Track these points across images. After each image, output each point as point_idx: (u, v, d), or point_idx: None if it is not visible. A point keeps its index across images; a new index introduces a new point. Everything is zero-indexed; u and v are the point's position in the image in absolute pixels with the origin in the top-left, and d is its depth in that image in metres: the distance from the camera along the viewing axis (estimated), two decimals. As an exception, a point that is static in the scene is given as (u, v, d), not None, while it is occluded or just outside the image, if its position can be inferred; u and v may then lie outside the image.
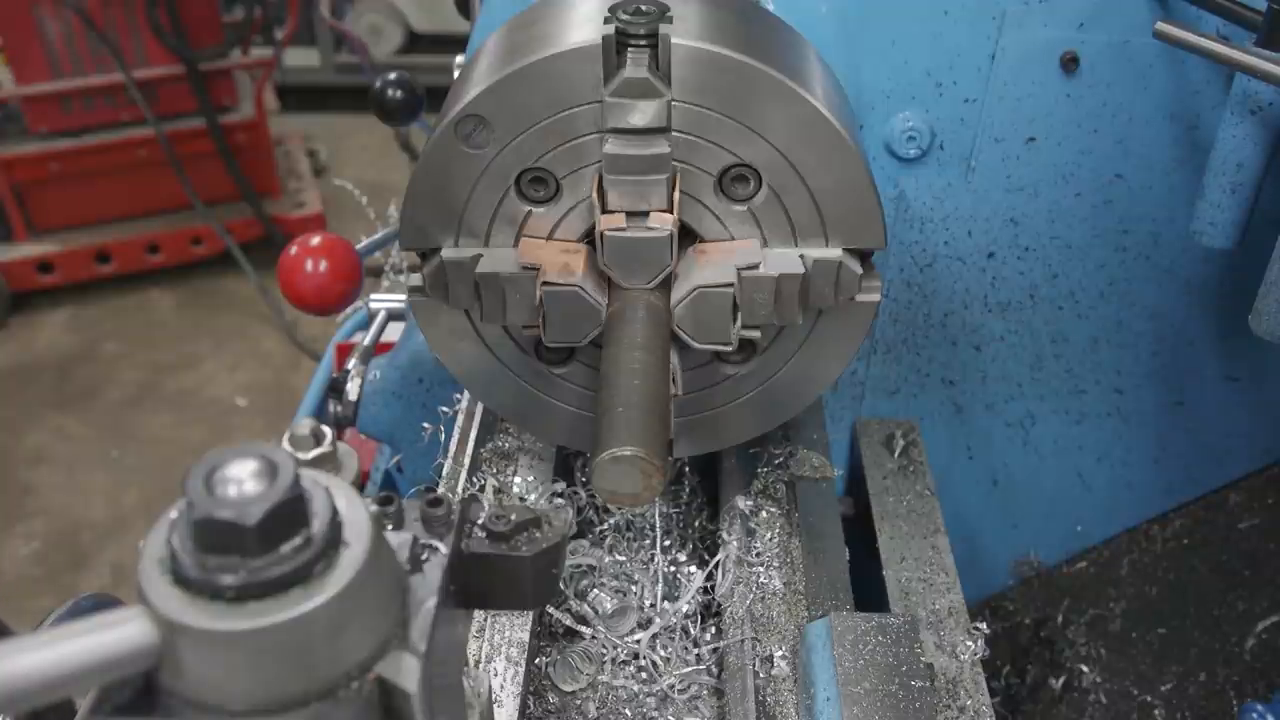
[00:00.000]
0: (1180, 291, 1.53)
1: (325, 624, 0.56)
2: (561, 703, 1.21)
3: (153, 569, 0.56)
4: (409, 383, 1.71)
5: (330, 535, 0.57)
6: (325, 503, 0.58)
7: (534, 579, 0.75)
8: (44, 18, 4.61)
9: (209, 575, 0.54)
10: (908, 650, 1.07)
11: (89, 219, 5.07)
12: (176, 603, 0.55)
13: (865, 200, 1.12)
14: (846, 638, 1.09)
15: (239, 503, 0.54)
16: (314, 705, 0.57)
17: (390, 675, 0.59)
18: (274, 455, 0.57)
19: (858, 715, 1.02)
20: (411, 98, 1.71)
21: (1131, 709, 1.66)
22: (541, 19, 1.14)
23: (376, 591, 0.59)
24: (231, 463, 0.57)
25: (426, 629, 0.62)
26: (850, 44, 1.35)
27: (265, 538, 0.54)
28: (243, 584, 0.54)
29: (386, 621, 0.61)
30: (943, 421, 1.66)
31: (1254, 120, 1.22)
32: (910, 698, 1.03)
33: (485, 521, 0.74)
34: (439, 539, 0.69)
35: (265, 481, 0.56)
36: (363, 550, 0.58)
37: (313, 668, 0.56)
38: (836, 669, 1.06)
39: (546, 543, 0.75)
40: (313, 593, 0.55)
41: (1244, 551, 1.63)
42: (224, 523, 0.54)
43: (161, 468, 4.18)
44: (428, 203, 1.14)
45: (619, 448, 0.93)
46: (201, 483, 0.56)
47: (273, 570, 0.55)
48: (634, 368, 1.03)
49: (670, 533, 1.40)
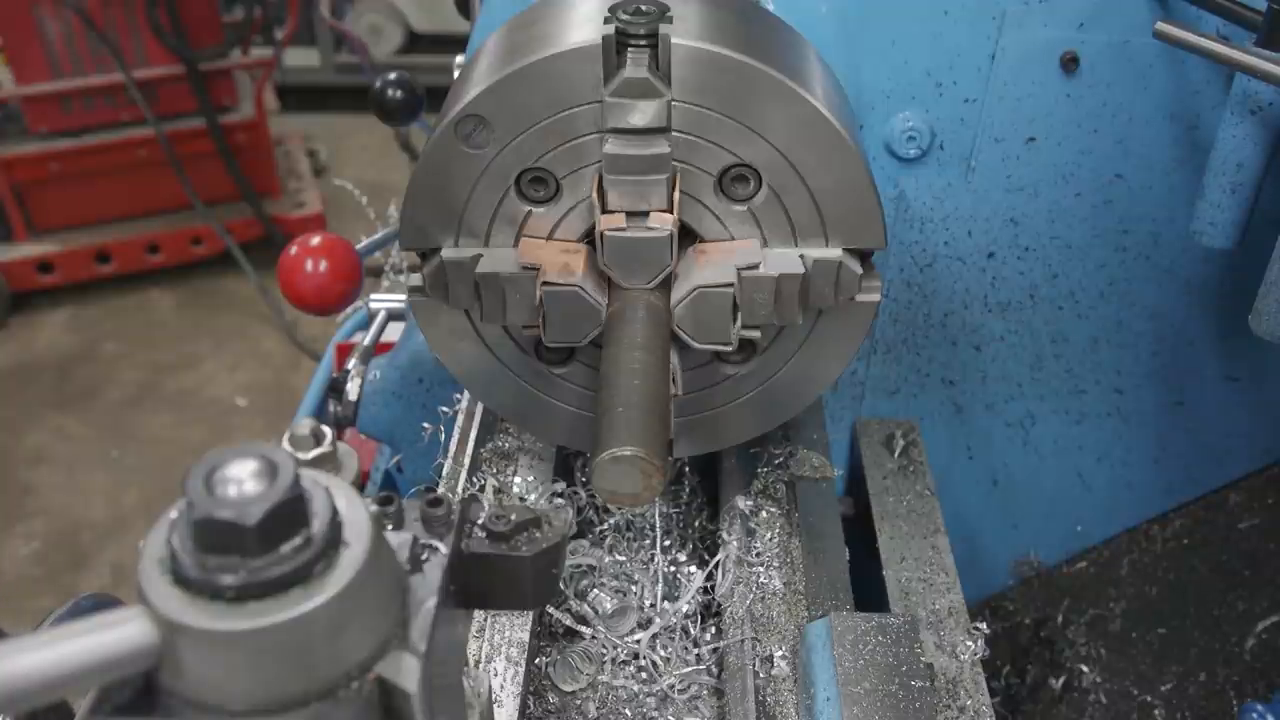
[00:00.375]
0: (1180, 291, 1.53)
1: (325, 624, 0.56)
2: (561, 703, 1.21)
3: (153, 569, 0.56)
4: (409, 383, 1.71)
5: (330, 535, 0.57)
6: (325, 503, 0.58)
7: (534, 579, 0.75)
8: (44, 18, 4.61)
9: (209, 575, 0.54)
10: (908, 650, 1.07)
11: (89, 219, 5.06)
12: (176, 603, 0.55)
13: (865, 200, 1.12)
14: (846, 638, 1.08)
15: (239, 503, 0.54)
16: (314, 705, 0.56)
17: (390, 675, 0.59)
18: (274, 455, 0.57)
19: (858, 715, 1.02)
20: (411, 98, 1.71)
21: (1131, 709, 1.66)
22: (541, 19, 1.14)
23: (376, 591, 0.59)
24: (231, 463, 0.57)
25: (426, 629, 0.62)
26: (850, 44, 1.35)
27: (265, 538, 0.54)
28: (243, 584, 0.54)
29: (386, 621, 0.61)
30: (943, 421, 1.66)
31: (1254, 120, 1.22)
32: (910, 698, 1.03)
33: (485, 521, 0.74)
34: (439, 539, 0.69)
35: (265, 481, 0.56)
36: (363, 550, 0.58)
37: (313, 668, 0.56)
38: (836, 669, 1.06)
39: (546, 543, 0.75)
40: (313, 593, 0.55)
41: (1244, 551, 1.63)
42: (224, 523, 0.54)
43: (161, 468, 4.18)
44: (428, 203, 1.14)
45: (619, 448, 0.93)
46: (201, 483, 0.56)
47: (273, 570, 0.55)
48: (634, 368, 1.03)
49: (670, 533, 1.40)
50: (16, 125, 4.83)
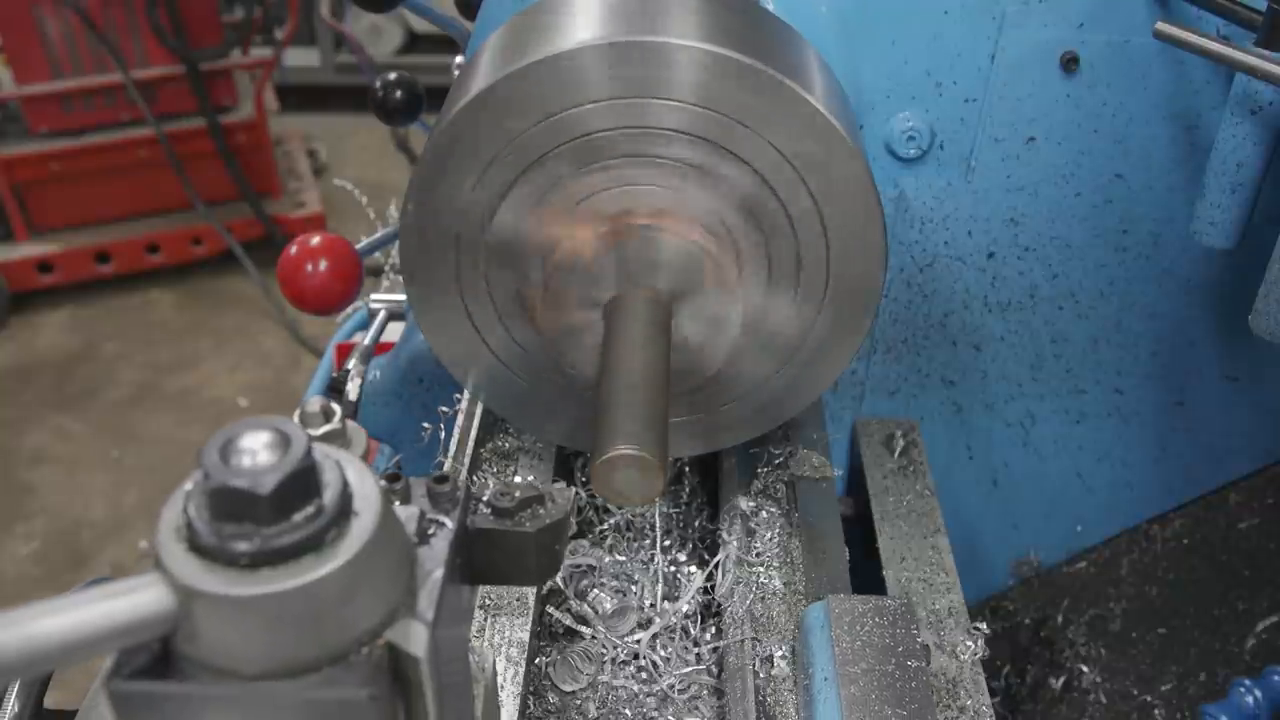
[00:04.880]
0: (1180, 291, 1.53)
1: (336, 590, 0.57)
2: (561, 703, 1.21)
3: (169, 537, 0.58)
4: (409, 383, 1.71)
5: (341, 505, 0.59)
6: (336, 474, 0.60)
7: (537, 554, 0.77)
8: (44, 18, 4.61)
9: (224, 543, 0.56)
10: (904, 631, 1.09)
11: (89, 219, 5.06)
12: (193, 569, 0.56)
13: (865, 200, 1.12)
14: (844, 619, 1.10)
15: (253, 472, 0.56)
16: (326, 670, 0.58)
17: (400, 641, 0.61)
18: (286, 428, 0.59)
19: (855, 694, 1.03)
20: (411, 98, 1.71)
21: (1131, 709, 1.66)
22: (542, 19, 1.14)
23: (386, 560, 0.61)
24: (245, 434, 0.58)
25: (435, 598, 0.63)
26: (850, 44, 1.35)
27: (279, 506, 0.56)
28: (257, 551, 0.56)
29: (395, 590, 0.62)
30: (943, 421, 1.66)
31: (1254, 120, 1.22)
32: (906, 677, 1.05)
33: (490, 498, 0.76)
34: (445, 514, 0.71)
35: (278, 452, 0.57)
36: (372, 519, 0.59)
37: (324, 633, 0.58)
38: (834, 649, 1.07)
39: (550, 519, 0.77)
40: (324, 560, 0.57)
41: (1244, 551, 1.63)
42: (239, 491, 0.56)
43: (161, 468, 4.18)
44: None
45: (619, 447, 0.94)
46: (217, 453, 0.57)
47: (285, 538, 0.56)
48: (634, 367, 1.03)
49: (670, 533, 1.40)
50: (16, 125, 4.83)
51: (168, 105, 4.91)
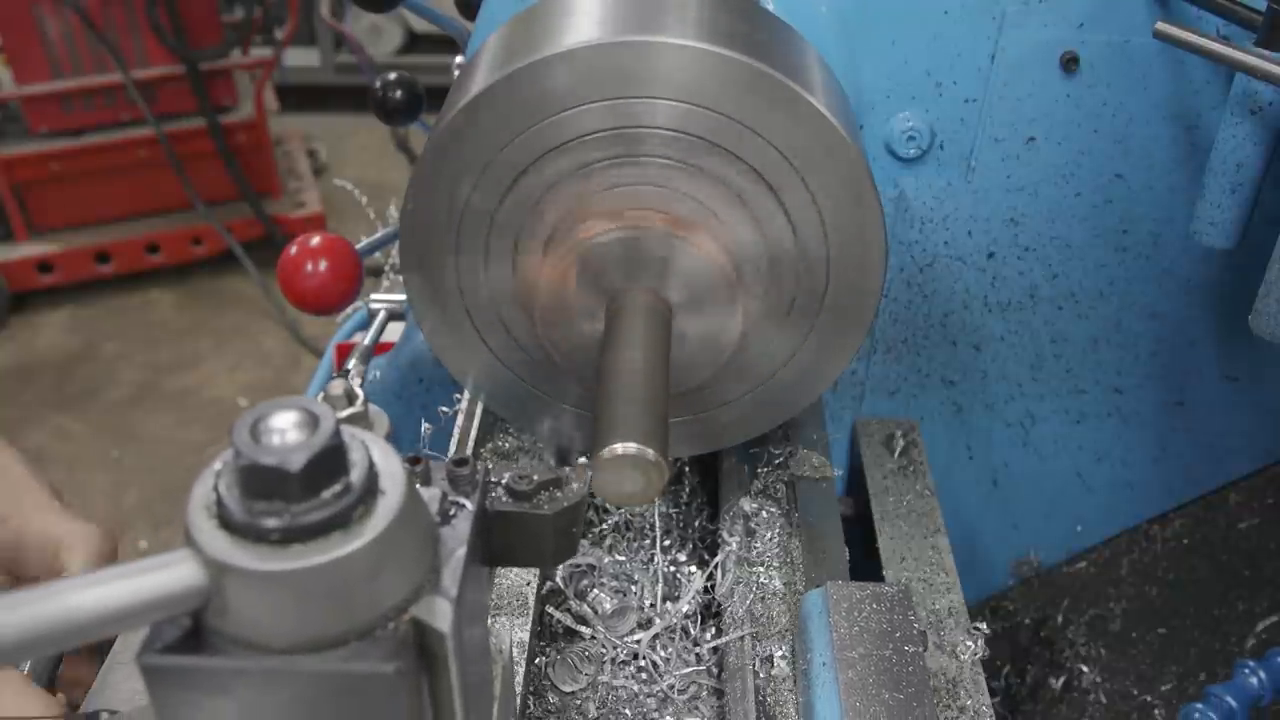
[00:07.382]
0: (1180, 291, 1.53)
1: (364, 566, 0.59)
2: (561, 703, 1.21)
3: (200, 514, 0.59)
4: (409, 383, 1.71)
5: (368, 483, 0.60)
6: (363, 453, 0.61)
7: (554, 537, 0.79)
8: (44, 18, 4.61)
9: (254, 519, 0.57)
10: (901, 617, 1.10)
11: (89, 219, 5.06)
12: (224, 545, 0.58)
13: (865, 201, 1.12)
14: (842, 605, 1.11)
15: (283, 450, 0.58)
16: (353, 644, 0.60)
17: (425, 617, 0.62)
18: (314, 407, 0.60)
19: (852, 679, 1.03)
20: (412, 98, 1.71)
21: (1131, 709, 1.66)
22: (542, 19, 1.14)
23: (411, 538, 0.63)
24: (275, 414, 0.60)
25: (458, 575, 0.65)
26: (850, 44, 1.35)
27: (308, 483, 0.58)
28: (286, 527, 0.57)
29: (420, 567, 0.64)
30: (943, 421, 1.66)
31: (1254, 120, 1.22)
32: (904, 662, 1.05)
33: (508, 482, 0.78)
34: (465, 497, 0.72)
35: (307, 431, 0.59)
36: (398, 498, 0.61)
37: (352, 608, 0.59)
38: (832, 635, 1.08)
39: (567, 501, 0.78)
40: (352, 537, 0.58)
41: (1244, 551, 1.63)
42: (269, 469, 0.57)
43: (162, 468, 4.17)
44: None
45: (619, 446, 0.94)
46: (248, 432, 0.59)
47: (314, 515, 0.58)
48: (634, 367, 1.03)
49: (670, 533, 1.40)
50: (16, 125, 4.83)
51: (168, 105, 4.90)
